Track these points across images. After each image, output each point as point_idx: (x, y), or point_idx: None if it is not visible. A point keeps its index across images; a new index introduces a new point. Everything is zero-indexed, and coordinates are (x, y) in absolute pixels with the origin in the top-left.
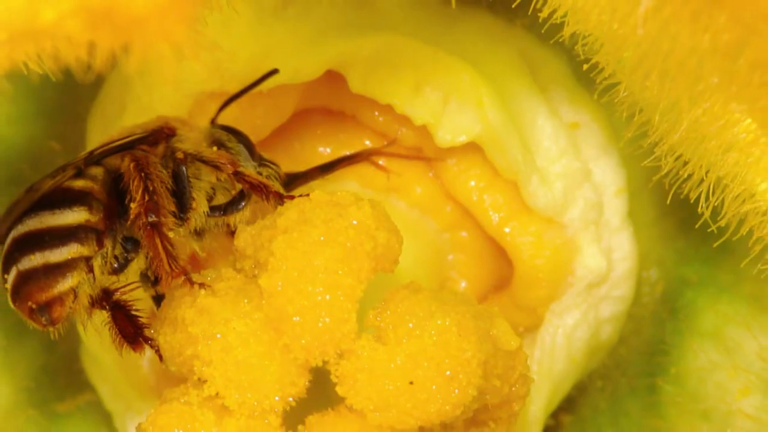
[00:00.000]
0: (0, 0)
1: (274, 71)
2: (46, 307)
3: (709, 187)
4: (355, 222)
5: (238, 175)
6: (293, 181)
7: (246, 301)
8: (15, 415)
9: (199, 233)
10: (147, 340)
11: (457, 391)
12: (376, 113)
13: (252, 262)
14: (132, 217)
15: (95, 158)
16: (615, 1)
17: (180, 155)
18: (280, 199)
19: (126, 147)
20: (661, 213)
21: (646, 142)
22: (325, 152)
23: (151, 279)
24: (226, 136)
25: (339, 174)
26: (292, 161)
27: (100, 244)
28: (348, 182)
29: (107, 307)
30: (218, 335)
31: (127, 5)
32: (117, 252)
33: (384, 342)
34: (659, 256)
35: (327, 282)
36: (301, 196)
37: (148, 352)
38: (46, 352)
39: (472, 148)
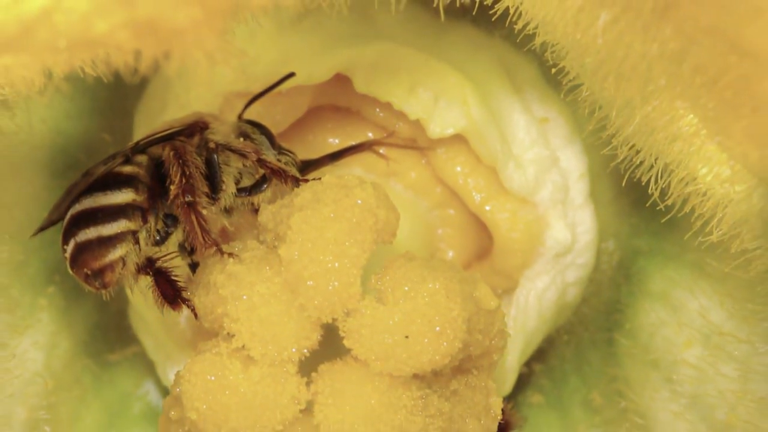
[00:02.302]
0: (60, 14)
1: (291, 74)
2: (100, 273)
3: (658, 172)
4: (359, 201)
5: (261, 162)
6: (307, 167)
7: (268, 267)
8: (73, 364)
9: (228, 211)
10: (184, 300)
11: (445, 343)
12: (377, 110)
13: (273, 235)
14: (171, 197)
15: (141, 148)
16: (578, 16)
17: (212, 145)
18: (296, 182)
19: (167, 138)
20: (618, 193)
21: (605, 134)
22: (334, 143)
23: (187, 249)
24: (251, 129)
25: (346, 161)
26: (306, 150)
27: (145, 220)
28: (354, 168)
29: (150, 273)
30: (244, 296)
31: (168, 19)
32: (159, 227)
33: (384, 302)
34: (616, 229)
35: (336, 252)
36: (314, 179)
37: (185, 311)
38: (100, 311)
39: (458, 139)
